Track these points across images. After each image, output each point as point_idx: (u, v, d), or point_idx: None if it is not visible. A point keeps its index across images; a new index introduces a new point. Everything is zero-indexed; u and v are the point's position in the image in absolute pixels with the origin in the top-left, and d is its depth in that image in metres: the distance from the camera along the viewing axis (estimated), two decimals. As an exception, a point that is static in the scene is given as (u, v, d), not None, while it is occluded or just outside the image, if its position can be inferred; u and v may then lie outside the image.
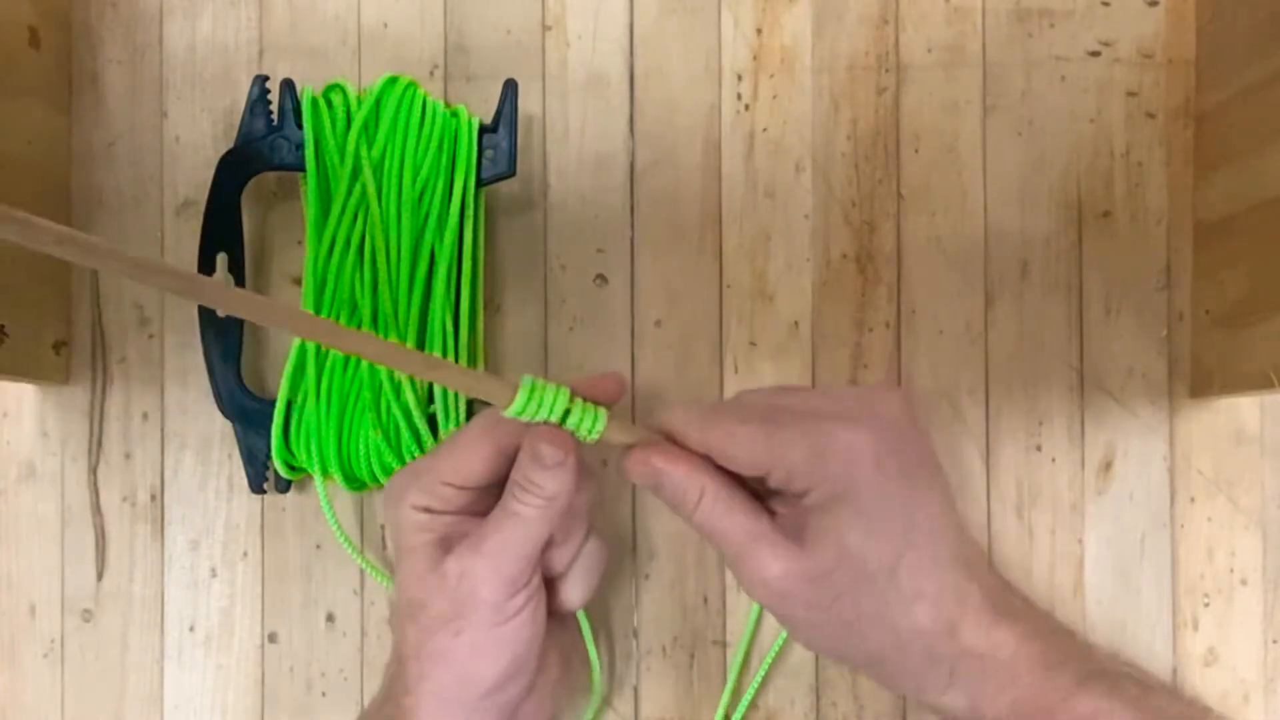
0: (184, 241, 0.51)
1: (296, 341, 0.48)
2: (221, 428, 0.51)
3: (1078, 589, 0.51)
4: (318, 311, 0.48)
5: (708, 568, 0.51)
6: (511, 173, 0.49)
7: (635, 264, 0.52)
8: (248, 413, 0.49)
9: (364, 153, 0.48)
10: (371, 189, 0.48)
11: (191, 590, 0.52)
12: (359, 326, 0.48)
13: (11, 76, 0.48)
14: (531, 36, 0.52)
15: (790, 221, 0.52)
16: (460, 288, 0.49)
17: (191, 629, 0.51)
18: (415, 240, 0.48)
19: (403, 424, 0.47)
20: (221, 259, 0.49)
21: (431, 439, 0.48)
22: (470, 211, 0.49)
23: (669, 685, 0.51)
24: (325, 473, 0.48)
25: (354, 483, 0.49)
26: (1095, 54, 0.52)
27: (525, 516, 0.41)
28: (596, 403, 0.41)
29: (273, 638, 0.51)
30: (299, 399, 0.48)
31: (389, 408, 0.47)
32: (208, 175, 0.49)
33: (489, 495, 0.42)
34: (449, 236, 0.48)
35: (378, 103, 0.48)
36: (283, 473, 0.49)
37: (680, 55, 0.52)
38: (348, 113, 0.49)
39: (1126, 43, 0.52)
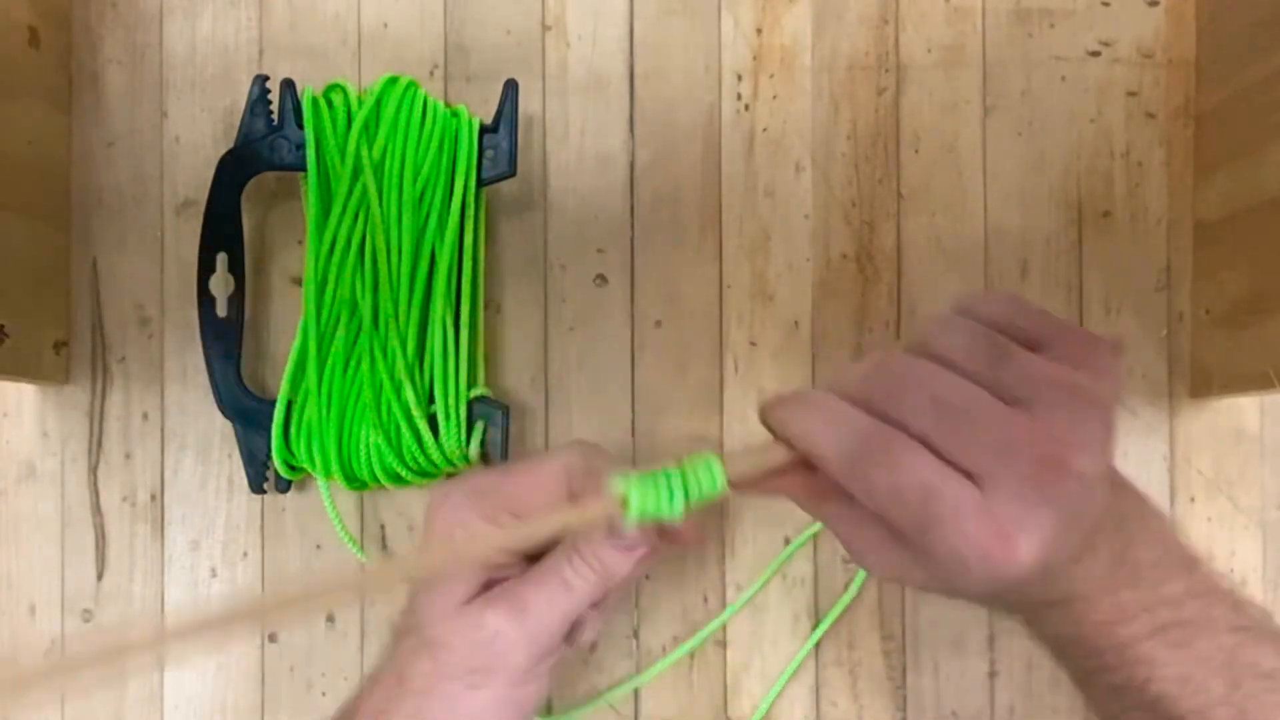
0: (184, 241, 0.51)
1: (296, 341, 0.48)
2: (221, 428, 0.51)
3: (1078, 589, 0.51)
4: (319, 311, 0.48)
5: (708, 568, 0.51)
6: (512, 173, 0.49)
7: (635, 264, 0.52)
8: (248, 413, 0.49)
9: (365, 153, 0.48)
10: (372, 189, 0.48)
11: (191, 590, 0.52)
12: (359, 326, 0.48)
13: (11, 76, 0.48)
14: (531, 36, 0.52)
15: (790, 221, 0.52)
16: (460, 288, 0.49)
17: (191, 629, 0.51)
18: (416, 240, 0.48)
19: (403, 424, 0.47)
20: (221, 259, 0.49)
21: (432, 439, 0.48)
22: (471, 211, 0.49)
23: (669, 685, 0.51)
24: (326, 473, 0.48)
25: (354, 482, 0.49)
26: (1095, 54, 0.52)
27: (578, 591, 0.39)
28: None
29: (273, 638, 0.51)
30: (299, 399, 0.48)
31: (389, 407, 0.47)
32: (208, 175, 0.49)
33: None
34: (449, 236, 0.48)
35: (378, 103, 0.48)
36: (282, 472, 0.49)
37: (680, 55, 0.52)
38: (348, 113, 0.49)
39: (1126, 43, 0.52)
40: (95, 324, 0.52)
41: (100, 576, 0.52)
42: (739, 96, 0.52)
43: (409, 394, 0.47)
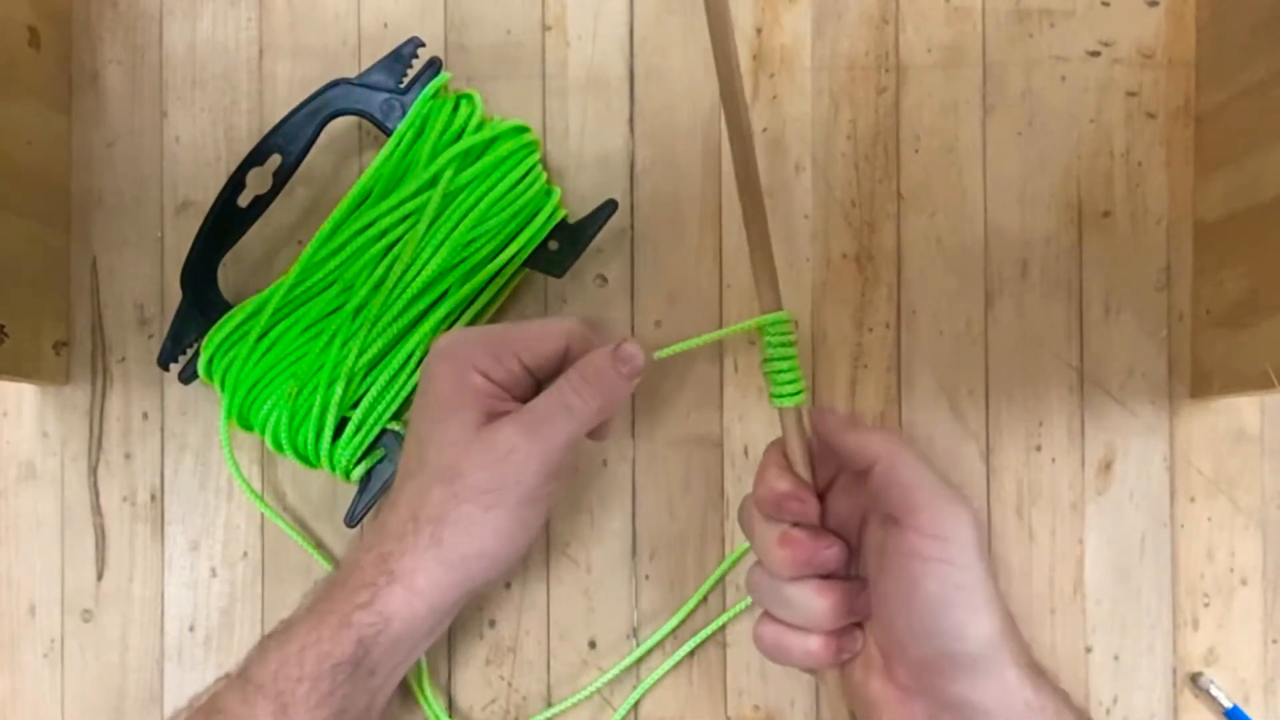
0: (184, 241, 0.51)
1: (283, 278, 0.48)
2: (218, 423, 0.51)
3: (1078, 589, 0.51)
4: (317, 269, 0.48)
5: (707, 568, 0.51)
6: (558, 276, 0.49)
7: (635, 264, 0.52)
8: (202, 298, 0.49)
9: (449, 174, 0.48)
10: (433, 208, 0.47)
11: (191, 590, 0.52)
12: (341, 305, 0.48)
13: (11, 76, 0.48)
14: (531, 36, 0.52)
15: (790, 221, 0.52)
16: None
17: (191, 629, 0.51)
18: (439, 275, 0.48)
19: (314, 412, 0.47)
20: (274, 159, 0.49)
21: (329, 440, 0.47)
22: (499, 283, 0.49)
23: (669, 685, 0.51)
24: (230, 405, 0.48)
25: (245, 424, 0.49)
26: (1095, 54, 0.52)
27: (580, 414, 0.43)
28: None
29: (273, 638, 0.51)
30: (252, 326, 0.48)
31: (314, 390, 0.47)
32: (208, 175, 0.49)
33: (530, 385, 0.45)
34: (468, 290, 0.48)
35: (491, 141, 0.49)
36: (201, 370, 0.48)
37: (680, 55, 0.52)
38: (463, 127, 0.49)
39: (1126, 43, 0.52)
40: (95, 324, 0.52)
41: (100, 576, 0.52)
42: (739, 96, 0.52)
43: (338, 391, 0.47)
